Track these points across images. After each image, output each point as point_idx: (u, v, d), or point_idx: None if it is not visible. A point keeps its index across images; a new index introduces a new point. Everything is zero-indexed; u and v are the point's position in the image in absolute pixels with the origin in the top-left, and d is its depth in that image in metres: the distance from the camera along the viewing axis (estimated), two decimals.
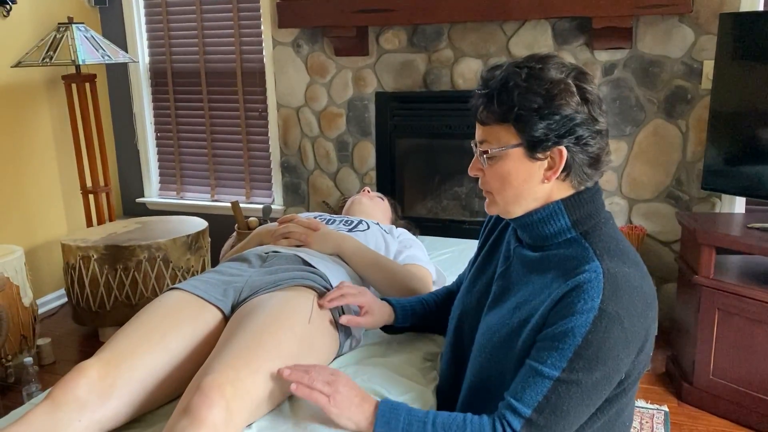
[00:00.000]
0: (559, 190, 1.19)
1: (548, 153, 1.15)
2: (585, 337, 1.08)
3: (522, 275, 1.24)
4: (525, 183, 1.18)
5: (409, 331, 1.61)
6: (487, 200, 1.26)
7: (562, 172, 1.16)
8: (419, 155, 3.52)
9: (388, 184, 3.43)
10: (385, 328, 1.57)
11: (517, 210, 1.22)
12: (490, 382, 1.23)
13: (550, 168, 1.17)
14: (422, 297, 1.62)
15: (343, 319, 1.44)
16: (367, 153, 3.48)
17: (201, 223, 3.33)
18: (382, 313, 1.51)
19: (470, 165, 1.24)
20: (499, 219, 1.42)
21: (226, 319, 1.49)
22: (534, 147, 1.15)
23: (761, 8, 2.72)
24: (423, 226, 2.89)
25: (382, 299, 1.55)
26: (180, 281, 3.09)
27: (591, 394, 1.11)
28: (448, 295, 1.61)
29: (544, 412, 1.10)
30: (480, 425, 1.14)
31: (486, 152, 1.19)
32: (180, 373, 1.35)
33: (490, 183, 1.22)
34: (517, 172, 1.17)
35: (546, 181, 1.18)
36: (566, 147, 1.14)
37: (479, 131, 1.21)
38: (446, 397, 1.40)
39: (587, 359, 1.08)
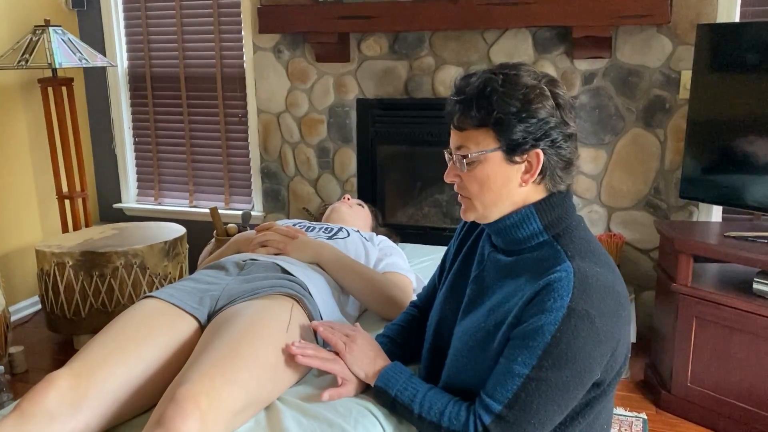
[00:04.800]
0: (535, 193, 1.22)
1: (525, 156, 1.18)
2: (554, 335, 1.10)
3: (496, 279, 1.26)
4: (504, 187, 1.20)
5: None
6: (463, 206, 1.28)
7: (538, 175, 1.19)
8: (400, 162, 3.51)
9: (369, 191, 3.42)
10: None
11: (495, 214, 1.24)
12: (466, 385, 1.24)
13: (527, 171, 1.20)
14: (392, 337, 1.51)
15: (325, 396, 1.31)
16: (348, 160, 3.47)
17: (179, 230, 3.29)
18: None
19: (446, 172, 1.27)
20: (473, 225, 1.44)
21: (202, 328, 1.47)
22: (513, 150, 1.17)
23: (737, 19, 2.76)
24: (404, 233, 2.88)
25: None
26: (157, 288, 3.04)
27: (562, 392, 1.12)
28: (411, 319, 1.55)
29: (513, 408, 1.12)
30: (457, 414, 1.18)
31: (465, 156, 1.20)
32: (154, 383, 1.33)
33: (469, 188, 1.23)
34: (495, 176, 1.20)
35: (523, 184, 1.20)
36: (542, 150, 1.18)
37: (456, 137, 1.23)
38: None
39: (556, 357, 1.10)
